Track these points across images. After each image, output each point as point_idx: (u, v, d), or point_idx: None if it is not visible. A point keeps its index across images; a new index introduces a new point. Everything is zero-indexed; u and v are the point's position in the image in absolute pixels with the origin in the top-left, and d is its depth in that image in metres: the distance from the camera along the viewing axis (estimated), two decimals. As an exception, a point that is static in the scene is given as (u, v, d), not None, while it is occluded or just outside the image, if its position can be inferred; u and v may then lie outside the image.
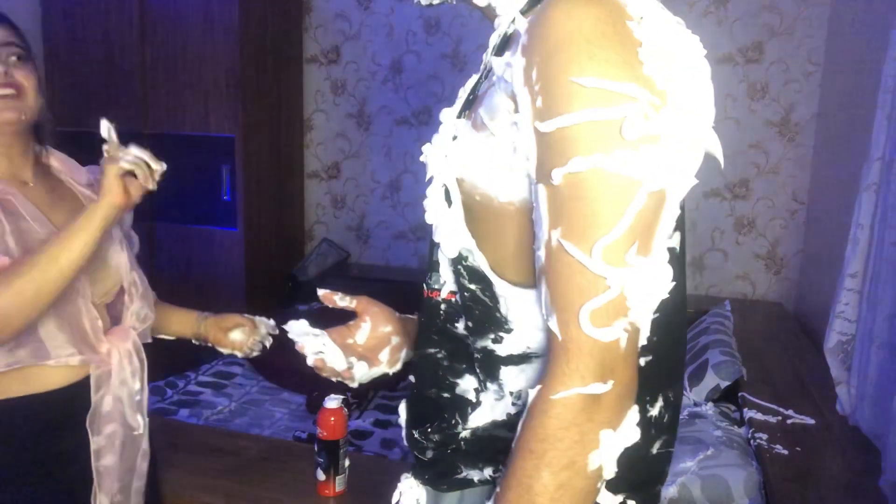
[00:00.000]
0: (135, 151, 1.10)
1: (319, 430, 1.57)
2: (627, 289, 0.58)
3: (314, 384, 2.57)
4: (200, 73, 3.17)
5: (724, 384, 2.10)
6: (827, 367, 1.94)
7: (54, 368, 1.15)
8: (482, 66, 0.78)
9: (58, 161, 1.28)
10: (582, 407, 0.59)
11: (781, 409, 1.92)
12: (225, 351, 1.44)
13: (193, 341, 1.46)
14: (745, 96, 2.97)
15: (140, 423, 1.27)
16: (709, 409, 2.05)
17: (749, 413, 1.90)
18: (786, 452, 1.69)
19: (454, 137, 0.72)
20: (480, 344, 0.73)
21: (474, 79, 0.79)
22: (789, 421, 1.86)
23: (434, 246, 0.78)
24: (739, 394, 2.04)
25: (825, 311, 2.12)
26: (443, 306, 0.78)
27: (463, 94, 0.79)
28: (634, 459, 0.67)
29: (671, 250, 0.68)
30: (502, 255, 0.70)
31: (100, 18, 3.25)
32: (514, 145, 0.64)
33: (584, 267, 0.58)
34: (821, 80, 2.88)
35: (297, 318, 0.95)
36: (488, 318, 0.72)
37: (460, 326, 0.76)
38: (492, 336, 0.72)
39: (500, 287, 0.70)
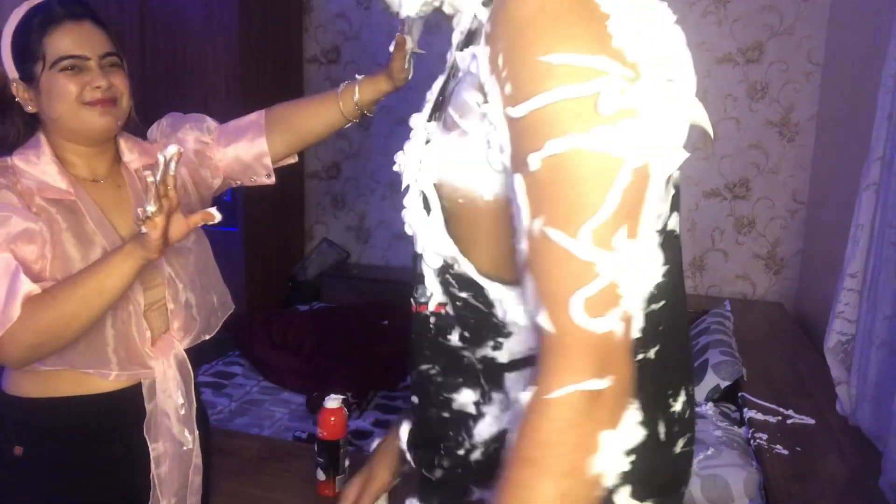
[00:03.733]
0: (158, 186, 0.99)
1: (319, 430, 1.57)
2: (618, 275, 0.54)
3: (314, 384, 2.58)
4: (200, 74, 3.17)
5: (724, 384, 2.10)
6: (827, 367, 1.94)
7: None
8: (448, 66, 0.74)
9: (129, 149, 1.26)
10: (580, 406, 0.54)
11: (781, 409, 1.92)
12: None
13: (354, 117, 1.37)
14: (745, 96, 2.97)
15: (188, 438, 1.23)
16: (709, 409, 2.05)
17: (749, 413, 1.90)
18: (786, 452, 1.69)
19: (427, 142, 0.69)
20: (480, 353, 0.70)
21: (441, 80, 0.75)
22: (789, 421, 1.86)
23: (417, 258, 0.73)
24: (739, 394, 2.04)
25: (825, 311, 2.12)
26: (432, 320, 0.72)
27: (431, 96, 0.75)
28: (658, 460, 0.64)
29: (669, 232, 0.66)
30: (498, 254, 0.66)
31: (100, 18, 3.25)
32: (488, 139, 0.61)
33: (571, 254, 0.54)
34: (821, 80, 2.88)
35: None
36: (485, 325, 0.68)
37: (453, 338, 0.71)
38: (491, 343, 0.69)
39: (494, 290, 0.66)
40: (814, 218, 2.89)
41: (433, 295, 0.72)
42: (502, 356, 0.69)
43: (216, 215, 1.05)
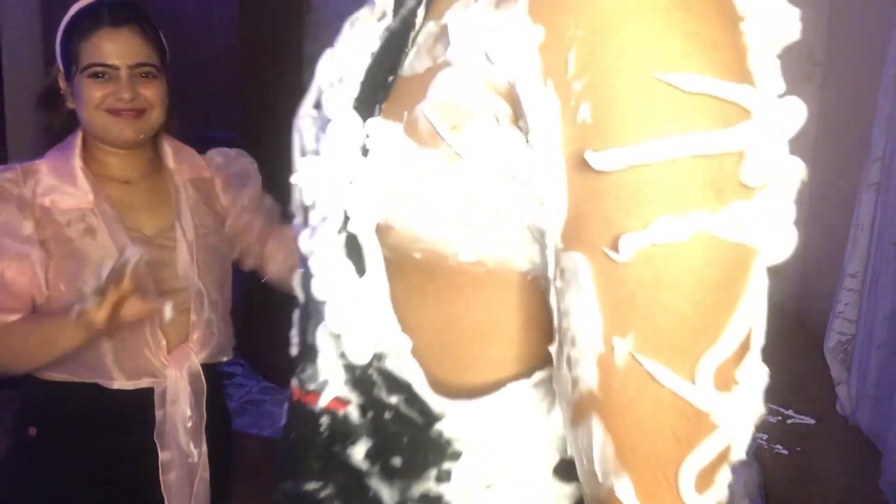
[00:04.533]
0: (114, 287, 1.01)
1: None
2: (736, 423, 0.36)
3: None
4: (200, 73, 3.17)
5: (724, 384, 2.10)
6: (827, 367, 1.94)
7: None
8: (399, 13, 0.47)
9: (171, 154, 1.26)
10: None
11: (781, 409, 1.92)
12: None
13: None
14: (745, 96, 2.97)
15: (194, 451, 1.22)
16: (709, 409, 2.05)
17: (749, 413, 1.90)
18: (786, 452, 1.69)
19: (365, 150, 0.43)
20: (417, 489, 0.46)
21: (378, 31, 0.48)
22: (789, 421, 1.86)
23: (310, 320, 0.49)
24: (739, 394, 2.04)
25: (825, 311, 2.12)
26: (324, 420, 0.49)
27: (357, 62, 0.48)
28: None
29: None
30: (452, 344, 0.45)
31: (100, 18, 3.26)
32: (512, 174, 0.38)
33: (682, 399, 0.35)
34: (821, 80, 2.88)
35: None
36: (423, 444, 0.45)
37: (356, 454, 0.48)
38: (434, 472, 0.45)
39: (441, 402, 0.44)
40: (814, 218, 2.89)
41: (329, 383, 0.48)
42: (451, 491, 0.45)
43: (168, 313, 1.08)
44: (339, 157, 0.44)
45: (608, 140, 0.33)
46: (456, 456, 0.45)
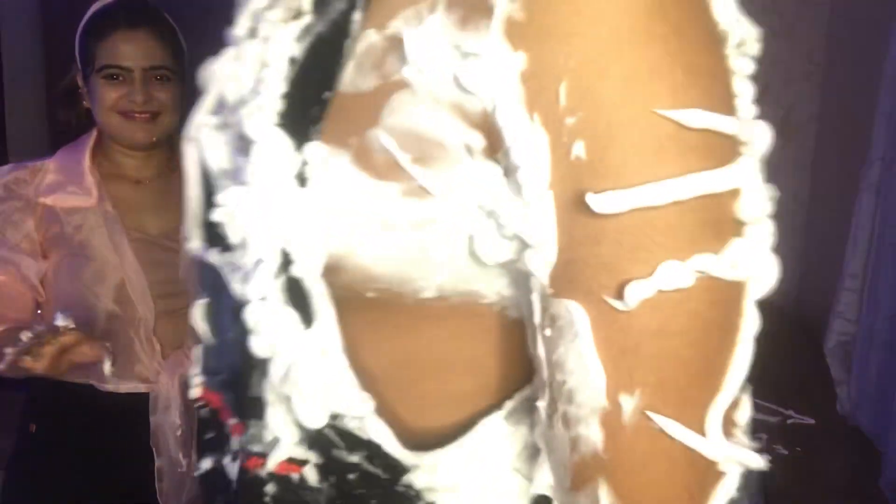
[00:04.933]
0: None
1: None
2: (740, 467, 0.36)
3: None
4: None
5: (725, 384, 2.10)
6: (827, 367, 1.93)
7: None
8: (324, 15, 0.39)
9: None
10: None
11: (781, 409, 1.92)
12: None
13: None
14: (745, 96, 2.97)
15: (182, 461, 1.22)
16: (709, 409, 2.05)
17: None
18: (786, 452, 1.69)
19: (302, 179, 0.37)
20: None
21: (290, 35, 0.39)
22: (789, 421, 1.86)
23: (253, 372, 0.42)
24: (739, 394, 2.04)
25: (825, 311, 2.12)
26: (270, 488, 0.42)
27: (274, 70, 0.39)
28: None
29: None
30: (415, 382, 0.42)
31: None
32: (488, 211, 0.35)
33: (695, 453, 0.33)
34: (821, 80, 2.88)
35: None
36: (394, 501, 0.41)
37: None
38: None
39: (414, 456, 0.40)
40: (814, 218, 2.89)
41: (280, 443, 0.41)
42: None
43: (107, 369, 1.06)
44: (270, 187, 0.37)
45: (608, 180, 0.31)
46: None
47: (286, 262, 0.37)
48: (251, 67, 0.41)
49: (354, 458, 0.40)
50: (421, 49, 0.34)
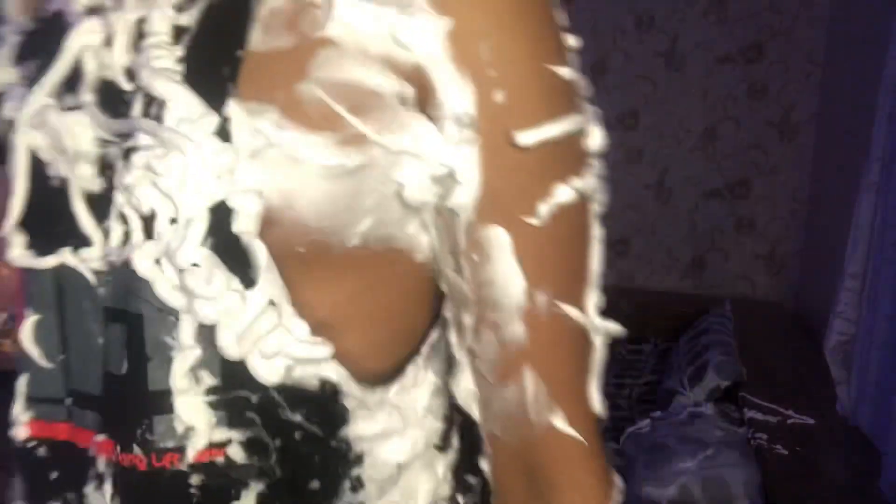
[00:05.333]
0: None
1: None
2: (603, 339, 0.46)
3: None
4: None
5: (724, 384, 2.10)
6: (827, 367, 1.94)
7: None
8: None
9: None
10: None
11: (781, 409, 1.92)
12: None
13: None
14: (745, 96, 2.97)
15: None
16: (709, 409, 2.05)
17: (749, 413, 1.90)
18: (786, 452, 1.69)
19: (224, 134, 0.38)
20: None
21: (173, 2, 0.40)
22: (789, 421, 1.86)
23: (142, 365, 0.40)
24: (739, 394, 2.04)
25: (825, 311, 2.12)
26: (195, 479, 0.41)
27: (160, 34, 0.39)
28: None
29: None
30: (369, 336, 0.45)
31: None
32: (419, 156, 0.39)
33: (583, 331, 0.43)
34: (821, 80, 2.88)
35: None
36: (332, 456, 0.43)
37: (247, 502, 0.42)
38: (349, 485, 0.44)
39: (355, 396, 0.43)
40: (814, 218, 2.89)
41: (196, 432, 0.40)
42: (366, 496, 0.45)
43: None
44: (191, 148, 0.37)
45: (523, 120, 0.39)
46: (360, 460, 0.44)
47: (218, 221, 0.37)
48: (126, 40, 0.41)
49: (297, 418, 0.42)
50: (352, 10, 0.37)
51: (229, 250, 0.38)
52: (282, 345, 0.39)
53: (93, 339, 0.42)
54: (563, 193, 0.40)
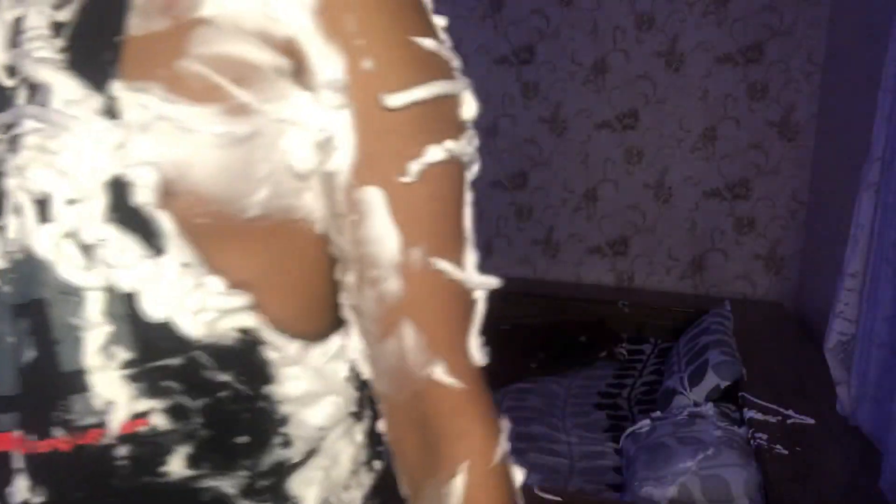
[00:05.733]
0: None
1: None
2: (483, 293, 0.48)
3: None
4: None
5: (724, 384, 2.10)
6: (827, 367, 1.93)
7: None
8: None
9: None
10: (509, 469, 0.47)
11: (781, 409, 1.92)
12: None
13: None
14: (745, 96, 2.97)
15: None
16: (709, 409, 2.05)
17: (749, 413, 1.90)
18: (786, 452, 1.69)
19: (111, 113, 0.40)
20: (265, 463, 0.46)
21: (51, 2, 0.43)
22: (789, 421, 1.86)
23: (51, 349, 0.41)
24: (739, 394, 2.04)
25: (825, 311, 2.12)
26: (122, 451, 0.42)
27: (36, 23, 0.42)
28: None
29: None
30: (290, 299, 0.47)
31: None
32: (298, 123, 0.42)
33: (463, 287, 0.46)
34: (821, 80, 2.88)
35: None
36: (261, 413, 0.45)
37: (174, 468, 0.43)
38: (279, 440, 0.46)
39: (275, 345, 0.45)
40: (814, 218, 2.89)
41: (116, 406, 0.41)
42: (296, 451, 0.47)
43: None
44: (79, 126, 0.39)
45: (391, 85, 0.42)
46: (285, 421, 0.46)
47: (118, 196, 0.40)
48: (4, 37, 0.44)
49: (224, 377, 0.43)
50: None
51: (134, 223, 0.40)
52: (203, 300, 0.41)
53: (2, 340, 0.42)
54: (434, 153, 0.43)
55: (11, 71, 0.43)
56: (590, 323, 2.87)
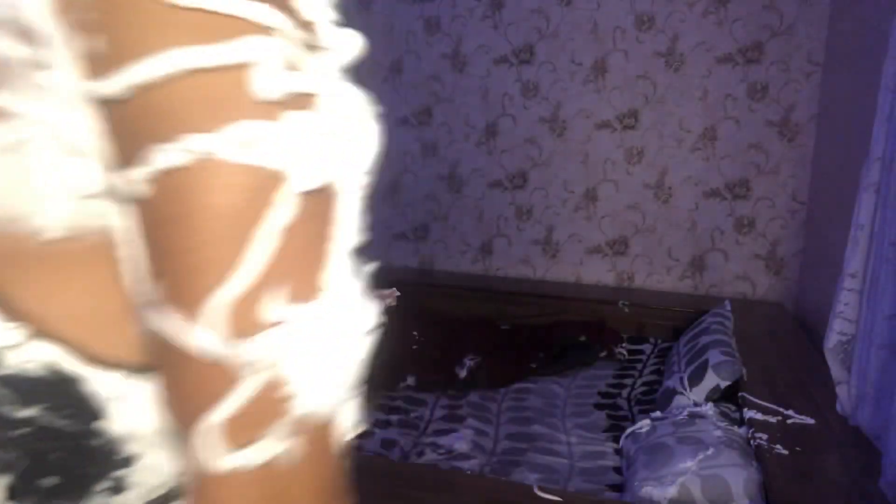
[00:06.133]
0: None
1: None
2: (282, 365, 0.33)
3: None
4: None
5: (724, 384, 2.10)
6: (827, 367, 1.94)
7: None
8: None
9: None
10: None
11: (781, 409, 1.92)
12: None
13: None
14: (745, 96, 2.97)
15: None
16: (709, 409, 2.05)
17: (749, 413, 1.90)
18: (786, 452, 1.69)
19: None
20: None
21: None
22: (789, 421, 1.86)
23: None
24: (739, 394, 2.04)
25: (825, 311, 2.12)
26: None
27: None
28: None
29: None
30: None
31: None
32: (55, 129, 0.33)
33: (189, 351, 0.32)
34: (821, 80, 2.88)
35: None
36: (81, 457, 0.37)
37: None
38: (105, 485, 0.37)
39: (98, 381, 0.36)
40: (814, 218, 2.89)
41: None
42: (129, 500, 0.38)
43: None
44: None
45: (111, 64, 0.30)
46: (129, 461, 0.37)
47: None
48: None
49: (31, 412, 0.35)
50: None
51: None
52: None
53: None
54: (168, 155, 0.31)
55: None
56: (590, 323, 2.87)
